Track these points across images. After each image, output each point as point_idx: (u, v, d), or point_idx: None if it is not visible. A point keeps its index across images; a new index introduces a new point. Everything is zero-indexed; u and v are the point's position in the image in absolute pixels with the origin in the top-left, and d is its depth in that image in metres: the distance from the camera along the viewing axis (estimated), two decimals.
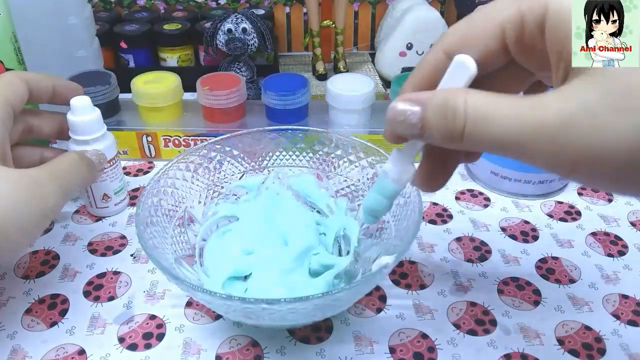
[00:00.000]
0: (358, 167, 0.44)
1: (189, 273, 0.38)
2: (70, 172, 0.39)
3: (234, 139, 0.45)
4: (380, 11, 0.83)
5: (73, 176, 0.39)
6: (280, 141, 0.46)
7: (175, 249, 0.40)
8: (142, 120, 0.58)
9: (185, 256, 0.40)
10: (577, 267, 0.44)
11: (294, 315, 0.33)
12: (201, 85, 0.56)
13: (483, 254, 0.46)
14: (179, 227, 0.41)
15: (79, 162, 0.41)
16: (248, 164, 0.46)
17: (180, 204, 0.42)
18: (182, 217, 0.42)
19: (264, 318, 0.33)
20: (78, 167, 0.41)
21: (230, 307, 0.32)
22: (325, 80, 0.74)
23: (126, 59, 0.74)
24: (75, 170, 0.40)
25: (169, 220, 0.40)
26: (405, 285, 0.43)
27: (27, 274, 0.44)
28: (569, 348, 0.38)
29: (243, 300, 0.30)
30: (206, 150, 0.44)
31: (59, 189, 0.37)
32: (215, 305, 0.34)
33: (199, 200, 0.44)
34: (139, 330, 0.39)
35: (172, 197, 0.41)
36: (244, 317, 0.35)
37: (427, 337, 0.38)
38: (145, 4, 0.84)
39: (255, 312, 0.32)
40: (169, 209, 0.41)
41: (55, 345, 0.38)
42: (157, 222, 0.39)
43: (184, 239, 0.41)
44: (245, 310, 0.32)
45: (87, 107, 0.44)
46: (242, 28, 0.63)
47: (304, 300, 0.30)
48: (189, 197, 0.43)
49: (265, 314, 0.32)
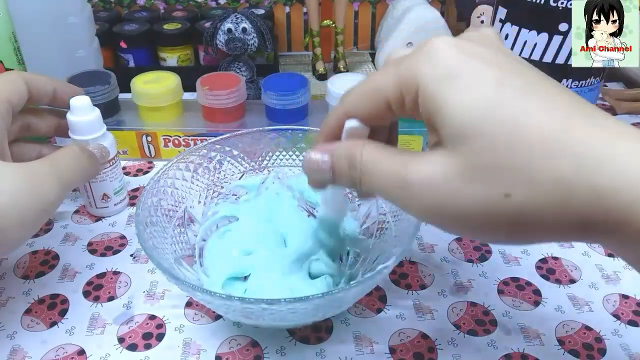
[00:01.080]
0: None
1: (188, 273, 0.38)
2: (71, 166, 0.38)
3: (234, 139, 0.45)
4: (380, 11, 0.83)
5: (74, 170, 0.39)
6: (280, 141, 0.46)
7: (175, 249, 0.40)
8: (142, 120, 0.58)
9: (185, 256, 0.40)
10: (577, 267, 0.44)
11: (294, 316, 0.33)
12: (201, 85, 0.56)
13: (483, 254, 0.46)
14: (179, 227, 0.41)
15: (80, 155, 0.40)
16: (248, 164, 0.46)
17: (180, 204, 0.42)
18: (181, 217, 0.42)
19: (264, 318, 0.33)
20: (79, 160, 0.40)
21: (230, 307, 0.32)
22: (325, 80, 0.74)
23: (126, 59, 0.74)
24: (76, 163, 0.39)
25: (168, 220, 0.40)
26: (406, 285, 0.43)
27: (26, 274, 0.44)
28: (569, 348, 0.37)
29: (243, 300, 0.30)
30: (206, 150, 0.44)
31: (59, 182, 0.36)
32: (215, 305, 0.34)
33: (199, 200, 0.44)
34: (138, 331, 0.39)
35: (171, 197, 0.41)
36: (244, 317, 0.35)
37: (427, 337, 0.38)
38: (145, 3, 0.84)
39: (255, 312, 0.32)
40: (169, 209, 0.41)
41: (55, 345, 0.38)
42: (156, 222, 0.39)
43: (184, 239, 0.41)
44: (245, 310, 0.32)
45: (86, 107, 0.44)
46: (242, 28, 0.63)
47: (304, 300, 0.30)
48: (189, 197, 0.43)
49: (265, 314, 0.32)
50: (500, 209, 0.24)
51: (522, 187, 0.23)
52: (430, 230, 0.48)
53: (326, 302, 0.32)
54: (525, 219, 0.23)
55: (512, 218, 0.24)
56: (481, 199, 0.24)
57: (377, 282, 0.40)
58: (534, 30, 0.47)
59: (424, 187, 0.25)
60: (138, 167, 0.58)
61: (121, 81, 0.58)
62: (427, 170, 0.25)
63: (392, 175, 0.26)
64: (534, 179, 0.23)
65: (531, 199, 0.23)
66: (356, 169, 0.27)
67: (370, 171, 0.27)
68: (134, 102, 0.57)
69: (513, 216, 0.23)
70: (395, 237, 0.38)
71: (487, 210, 0.24)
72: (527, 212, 0.23)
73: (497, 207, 0.24)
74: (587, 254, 0.46)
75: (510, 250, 0.46)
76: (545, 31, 0.46)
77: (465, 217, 0.24)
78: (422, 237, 0.47)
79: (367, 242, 0.41)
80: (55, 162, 0.37)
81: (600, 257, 0.45)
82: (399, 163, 0.26)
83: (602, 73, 0.50)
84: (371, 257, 0.39)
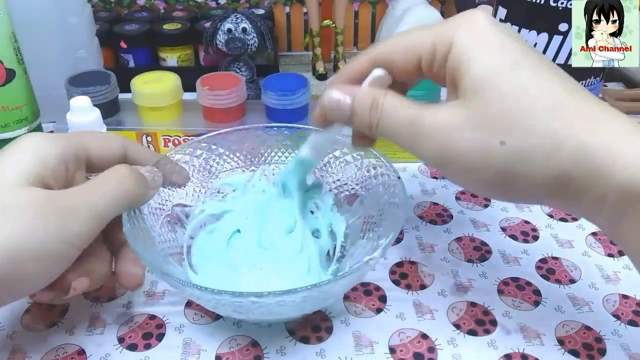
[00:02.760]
0: (342, 163, 0.45)
1: (176, 270, 0.39)
2: (114, 192, 0.33)
3: (220, 136, 0.45)
4: (380, 11, 0.83)
5: (113, 197, 0.33)
6: (267, 138, 0.46)
7: (163, 247, 0.40)
8: (142, 120, 0.58)
9: (173, 254, 0.40)
10: (577, 267, 0.44)
11: (283, 308, 0.33)
12: (201, 85, 0.56)
13: (483, 254, 0.46)
14: (167, 225, 0.42)
15: (126, 178, 0.34)
16: (234, 161, 0.47)
17: (166, 202, 0.42)
18: (169, 215, 0.42)
19: (253, 312, 0.34)
20: (123, 185, 0.34)
21: (220, 301, 0.33)
22: (325, 80, 0.74)
23: (126, 59, 0.74)
24: (120, 189, 0.33)
25: (156, 219, 0.41)
26: (405, 285, 0.43)
27: None
28: (569, 348, 0.37)
29: (233, 294, 0.31)
30: (192, 149, 0.44)
31: (90, 213, 0.31)
32: (205, 300, 0.34)
33: (186, 199, 0.44)
34: (138, 331, 0.39)
35: (158, 195, 0.41)
36: (234, 312, 0.35)
37: (427, 337, 0.38)
38: (145, 3, 0.84)
39: (244, 305, 0.32)
40: (156, 207, 0.41)
41: (55, 345, 0.38)
42: (145, 220, 0.39)
43: (172, 237, 0.42)
44: (234, 304, 0.32)
45: (86, 107, 0.44)
46: (242, 28, 0.63)
47: (292, 292, 0.31)
48: (176, 195, 0.43)
49: (254, 307, 0.32)
50: (494, 154, 0.27)
51: (516, 136, 0.26)
52: (431, 230, 0.48)
53: (314, 294, 0.32)
54: (514, 168, 0.27)
55: (503, 166, 0.27)
56: (480, 144, 0.27)
57: (364, 275, 0.40)
58: (534, 30, 0.47)
59: (436, 130, 0.28)
60: None
61: (121, 81, 0.58)
62: (441, 115, 0.29)
63: (409, 119, 0.30)
64: (529, 130, 0.26)
65: (522, 147, 0.26)
66: (377, 112, 0.30)
67: (389, 115, 0.30)
68: (134, 102, 0.57)
69: (504, 164, 0.27)
70: (382, 232, 0.39)
71: (483, 155, 0.27)
72: (517, 160, 0.27)
73: (492, 152, 0.27)
74: (587, 254, 0.46)
75: (510, 250, 0.46)
76: (545, 31, 0.46)
77: (465, 161, 0.28)
78: (422, 237, 0.47)
79: (354, 237, 0.42)
80: (92, 189, 0.32)
81: (600, 257, 0.45)
82: (416, 110, 0.30)
83: (601, 73, 0.50)
84: (358, 252, 0.40)
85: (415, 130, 0.29)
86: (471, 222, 0.49)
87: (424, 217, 0.50)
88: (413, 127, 0.29)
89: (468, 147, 0.28)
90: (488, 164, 0.27)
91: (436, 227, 0.49)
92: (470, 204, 0.52)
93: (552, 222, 0.49)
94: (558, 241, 0.47)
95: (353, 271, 0.33)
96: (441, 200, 0.52)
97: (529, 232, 0.48)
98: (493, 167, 0.27)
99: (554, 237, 0.48)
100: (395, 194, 0.39)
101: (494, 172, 0.28)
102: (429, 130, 0.29)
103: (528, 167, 0.27)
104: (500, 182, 0.28)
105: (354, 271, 0.34)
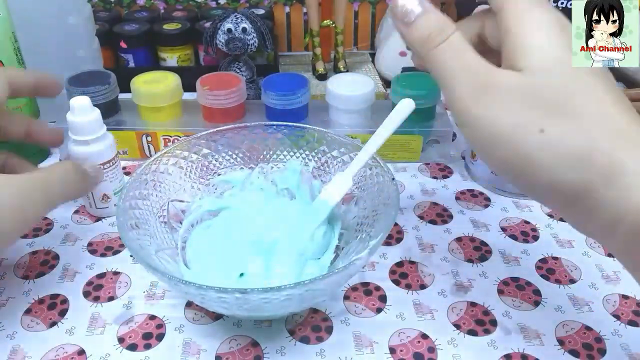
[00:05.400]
0: (340, 163, 0.45)
1: (169, 265, 0.39)
2: (61, 182, 0.39)
3: (219, 134, 0.45)
4: (380, 11, 0.83)
5: (63, 187, 0.39)
6: (266, 137, 0.46)
7: (158, 242, 0.40)
8: (142, 120, 0.58)
9: (168, 249, 0.41)
10: (577, 267, 0.44)
11: (269, 306, 0.34)
12: (201, 85, 0.56)
13: (483, 254, 0.46)
14: (162, 220, 0.42)
15: (73, 172, 0.40)
16: (233, 159, 0.47)
17: (163, 198, 0.42)
18: (165, 210, 0.42)
19: (238, 308, 0.34)
20: (70, 177, 0.40)
21: (205, 296, 0.33)
22: (325, 80, 0.74)
23: (126, 59, 0.74)
24: (67, 179, 0.39)
25: (151, 214, 0.41)
26: (406, 285, 0.43)
27: (26, 274, 0.44)
28: (569, 348, 0.37)
29: (217, 290, 0.31)
30: (190, 145, 0.44)
31: (45, 196, 0.37)
32: (192, 295, 0.34)
33: (183, 195, 0.44)
34: (138, 331, 0.39)
35: (155, 191, 0.41)
36: (221, 308, 0.35)
37: (427, 337, 0.38)
38: (145, 3, 0.84)
39: (229, 301, 0.33)
40: (152, 203, 0.41)
41: (55, 345, 0.38)
42: (139, 215, 0.39)
43: (167, 233, 0.42)
44: (219, 299, 0.32)
45: (86, 107, 0.44)
46: (242, 28, 0.63)
47: (276, 290, 0.31)
48: (173, 192, 0.43)
49: (239, 303, 0.33)
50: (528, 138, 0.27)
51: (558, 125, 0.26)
52: (431, 230, 0.48)
53: (299, 292, 0.32)
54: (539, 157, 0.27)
55: (531, 150, 0.27)
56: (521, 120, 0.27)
57: (352, 274, 0.40)
58: None
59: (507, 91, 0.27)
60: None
61: (121, 81, 0.58)
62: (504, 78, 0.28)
63: (471, 68, 0.28)
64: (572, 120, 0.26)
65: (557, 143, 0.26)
66: (436, 40, 0.29)
67: (450, 51, 0.29)
68: (134, 102, 0.57)
69: (535, 149, 0.27)
70: (374, 231, 0.39)
71: (515, 135, 0.27)
72: (545, 154, 0.26)
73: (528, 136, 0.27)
74: (587, 254, 0.46)
75: (510, 250, 0.46)
76: None
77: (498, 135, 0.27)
78: (422, 237, 0.47)
79: (348, 236, 0.42)
80: (45, 177, 0.37)
81: (600, 257, 0.45)
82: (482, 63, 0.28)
83: None
84: (352, 251, 0.40)
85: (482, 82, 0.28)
86: (471, 222, 0.49)
87: (424, 217, 0.50)
88: (477, 77, 0.28)
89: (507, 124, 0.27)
90: (520, 147, 0.27)
91: (436, 227, 0.49)
92: (470, 204, 0.52)
93: (552, 222, 0.49)
94: (558, 241, 0.47)
95: (339, 270, 0.33)
96: (441, 200, 0.52)
97: (529, 232, 0.48)
98: (523, 151, 0.27)
99: (554, 237, 0.48)
100: (389, 196, 0.39)
101: (523, 155, 0.27)
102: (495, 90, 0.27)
103: (553, 164, 0.26)
104: (524, 169, 0.27)
105: (340, 270, 0.33)
